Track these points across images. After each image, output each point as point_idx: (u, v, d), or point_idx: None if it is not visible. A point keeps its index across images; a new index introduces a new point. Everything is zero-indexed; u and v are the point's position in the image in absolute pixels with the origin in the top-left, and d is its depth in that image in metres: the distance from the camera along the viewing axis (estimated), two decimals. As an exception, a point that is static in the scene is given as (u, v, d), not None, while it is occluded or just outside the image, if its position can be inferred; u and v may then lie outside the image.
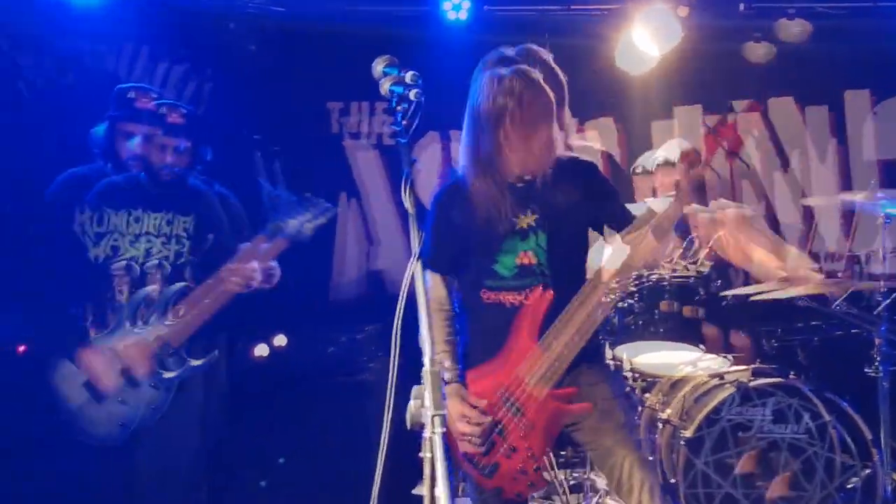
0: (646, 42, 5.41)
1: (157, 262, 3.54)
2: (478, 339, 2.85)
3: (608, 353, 4.14)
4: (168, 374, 3.45)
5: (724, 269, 4.85)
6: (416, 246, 2.06)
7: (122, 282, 3.49)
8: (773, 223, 5.93)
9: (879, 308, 4.35)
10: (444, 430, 1.91)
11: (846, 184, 5.93)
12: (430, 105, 2.19)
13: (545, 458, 2.63)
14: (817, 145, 5.97)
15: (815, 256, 5.90)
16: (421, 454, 1.92)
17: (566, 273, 2.79)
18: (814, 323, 4.52)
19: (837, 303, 4.43)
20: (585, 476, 4.09)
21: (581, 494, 4.15)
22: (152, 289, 3.48)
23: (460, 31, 5.74)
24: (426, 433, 1.92)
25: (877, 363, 3.92)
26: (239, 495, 4.42)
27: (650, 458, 4.28)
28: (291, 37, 5.73)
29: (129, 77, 5.63)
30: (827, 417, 3.84)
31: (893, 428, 3.85)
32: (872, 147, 5.95)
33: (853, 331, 4.58)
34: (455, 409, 2.71)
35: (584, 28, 5.81)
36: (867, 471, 4.12)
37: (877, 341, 3.94)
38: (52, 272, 3.43)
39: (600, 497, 4.05)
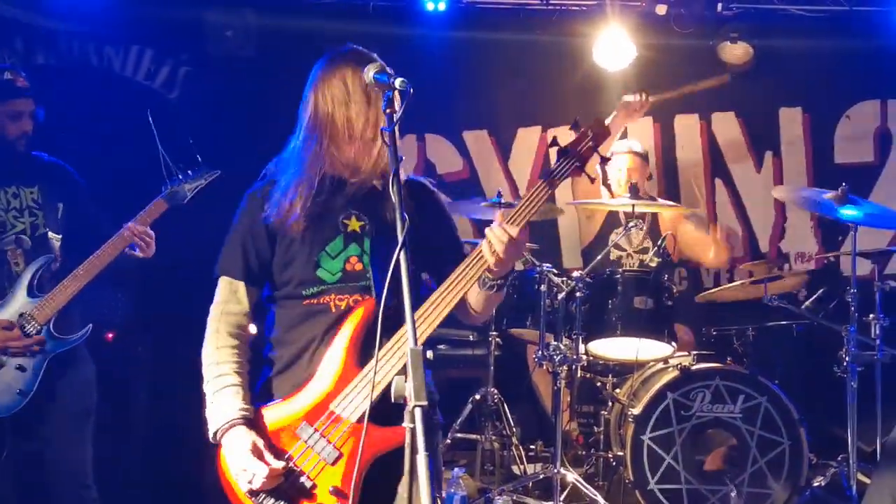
0: (624, 38, 5.61)
1: (13, 236, 3.54)
2: (291, 356, 2.51)
3: (581, 347, 4.43)
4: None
5: (671, 266, 5.26)
6: (401, 235, 2.08)
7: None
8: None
9: (810, 303, 4.79)
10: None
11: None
12: (407, 106, 2.20)
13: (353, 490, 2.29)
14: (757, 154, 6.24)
15: (785, 256, 6.15)
16: (404, 424, 1.96)
17: (392, 286, 2.36)
18: (750, 316, 4.91)
19: (806, 304, 4.84)
20: (555, 470, 4.26)
21: (550, 488, 4.30)
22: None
23: (439, 25, 5.87)
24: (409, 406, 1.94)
25: (846, 363, 4.31)
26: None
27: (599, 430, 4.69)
28: (267, 26, 5.71)
29: (99, 60, 5.73)
30: (759, 398, 4.25)
31: (861, 428, 4.27)
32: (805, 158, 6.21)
33: (789, 323, 5.03)
34: (239, 462, 2.35)
35: (561, 23, 5.94)
36: (832, 470, 4.57)
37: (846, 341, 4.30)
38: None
39: (569, 492, 4.29)
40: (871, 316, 4.50)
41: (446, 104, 6.08)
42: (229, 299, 2.54)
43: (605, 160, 2.66)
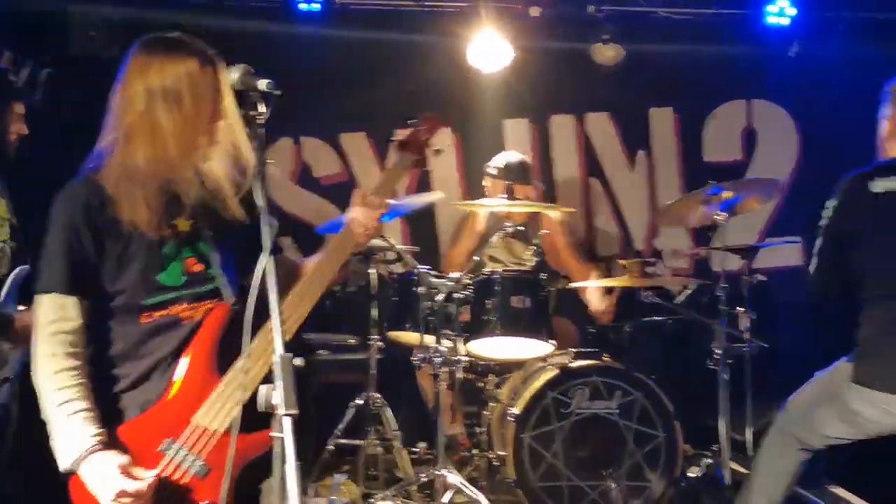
0: (499, 40, 5.67)
1: None
2: (141, 371, 2.34)
3: (461, 347, 4.41)
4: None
5: (549, 265, 5.32)
6: (267, 241, 2.03)
7: None
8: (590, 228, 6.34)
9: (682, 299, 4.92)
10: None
11: (652, 191, 6.39)
12: (282, 108, 2.17)
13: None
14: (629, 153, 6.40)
15: (658, 254, 6.33)
16: (272, 433, 1.92)
17: (238, 286, 2.43)
18: (626, 312, 5.01)
19: (680, 299, 4.95)
20: (438, 472, 4.25)
21: (433, 491, 4.29)
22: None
23: (314, 24, 5.84)
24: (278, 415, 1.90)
25: (717, 356, 4.39)
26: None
27: (482, 430, 4.70)
28: (133, 25, 5.47)
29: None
30: (635, 394, 4.33)
31: (732, 419, 4.35)
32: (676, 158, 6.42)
33: (663, 318, 5.15)
34: (111, 486, 2.18)
35: (436, 24, 5.97)
36: (707, 461, 4.68)
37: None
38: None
39: (454, 493, 4.26)
40: (741, 309, 4.65)
41: (323, 106, 6.02)
42: (59, 317, 2.29)
43: (437, 152, 2.73)
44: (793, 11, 5.94)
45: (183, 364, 2.34)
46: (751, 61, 6.16)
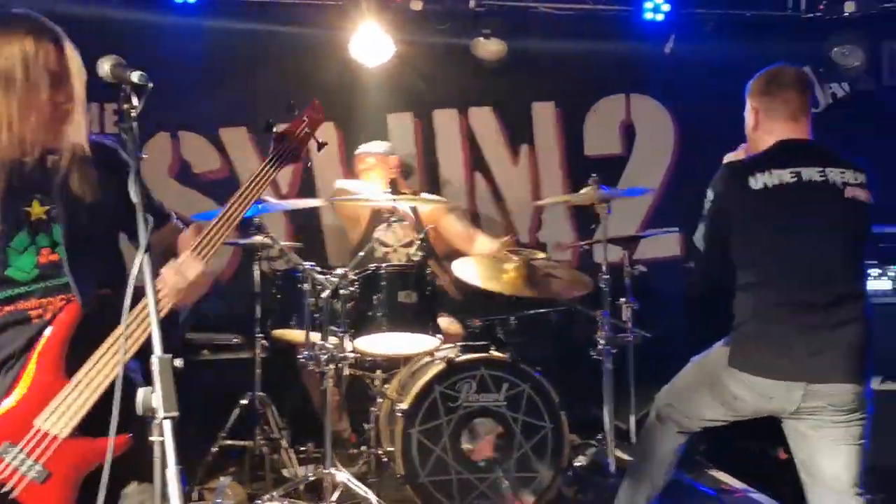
0: (380, 34, 5.63)
1: None
2: None
3: (348, 344, 4.36)
4: None
5: (436, 259, 5.33)
6: (144, 239, 1.97)
7: None
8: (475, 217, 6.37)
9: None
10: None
11: (536, 185, 6.46)
12: (158, 102, 2.15)
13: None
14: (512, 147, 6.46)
15: (542, 247, 6.35)
16: (151, 438, 1.88)
17: (94, 278, 2.33)
18: (512, 305, 5.05)
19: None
20: (326, 471, 4.22)
21: (321, 490, 4.27)
22: None
23: (191, 14, 5.68)
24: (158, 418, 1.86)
25: (600, 346, 4.47)
26: None
27: (369, 427, 4.68)
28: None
29: None
30: (522, 385, 4.38)
31: (616, 407, 4.46)
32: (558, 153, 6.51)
33: (548, 310, 5.22)
34: None
35: (317, 16, 5.90)
36: (592, 449, 4.76)
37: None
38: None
39: (342, 491, 4.24)
40: (623, 300, 4.76)
41: (201, 100, 5.88)
42: None
43: (321, 145, 2.65)
44: (667, 8, 6.11)
45: (29, 365, 2.23)
46: (629, 57, 6.30)
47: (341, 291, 4.32)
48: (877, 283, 5.02)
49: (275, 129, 2.60)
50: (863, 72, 6.27)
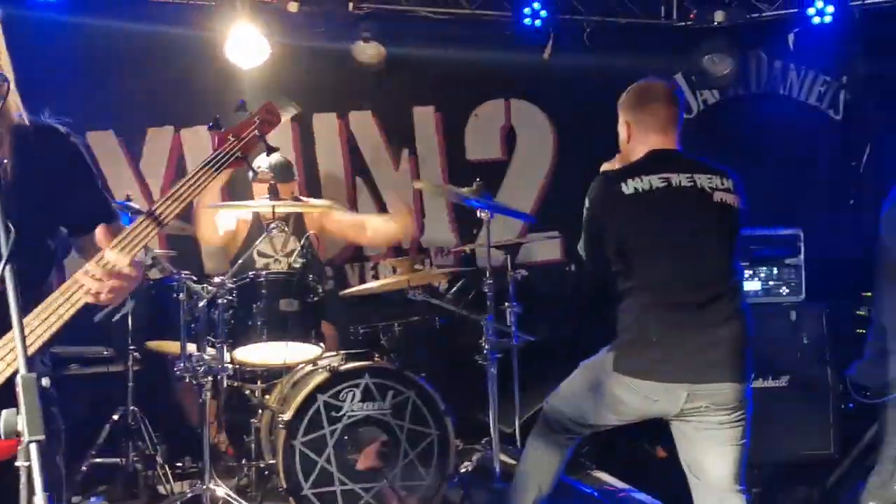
0: (256, 35, 5.51)
1: None
2: None
3: (227, 355, 4.27)
4: None
5: (318, 266, 5.25)
6: (3, 250, 1.83)
7: None
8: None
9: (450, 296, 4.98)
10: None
11: (416, 191, 6.42)
12: (21, 102, 2.05)
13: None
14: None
15: (425, 251, 6.36)
16: (17, 463, 1.75)
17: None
18: (395, 311, 5.02)
19: (449, 293, 5.00)
20: (203, 486, 4.12)
21: None
22: None
23: (56, 10, 5.45)
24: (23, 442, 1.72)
25: (485, 351, 4.47)
26: None
27: (250, 439, 4.57)
28: None
29: None
30: (407, 393, 4.34)
31: (501, 411, 4.46)
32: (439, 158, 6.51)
33: (432, 316, 5.21)
34: None
35: (190, 16, 5.75)
36: (478, 454, 4.75)
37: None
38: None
39: None
40: (506, 304, 4.78)
41: (67, 101, 5.57)
42: None
43: (271, 150, 2.49)
44: (545, 14, 6.18)
45: None
46: (508, 62, 6.34)
47: (219, 301, 4.21)
48: (747, 284, 5.19)
49: (219, 128, 2.40)
50: (732, 80, 6.49)
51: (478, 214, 4.61)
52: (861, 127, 6.52)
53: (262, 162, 5.09)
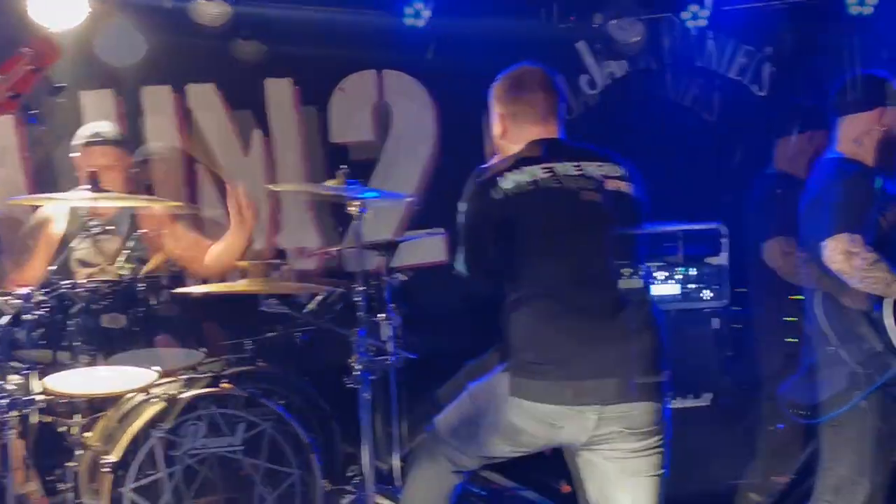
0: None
1: None
2: None
3: (35, 383, 4.13)
4: None
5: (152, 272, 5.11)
6: None
7: None
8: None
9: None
10: None
11: (272, 178, 6.41)
12: None
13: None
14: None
15: (281, 253, 6.35)
16: None
17: None
18: (246, 326, 4.95)
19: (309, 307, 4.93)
20: None
21: None
22: None
23: None
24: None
25: (356, 372, 4.30)
26: None
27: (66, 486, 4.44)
28: None
29: None
30: (262, 425, 4.27)
31: (377, 444, 4.50)
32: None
33: (291, 331, 5.15)
34: None
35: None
36: (349, 497, 4.78)
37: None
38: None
39: None
40: (382, 315, 4.73)
41: None
42: None
43: (56, 89, 2.42)
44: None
45: None
46: (380, 27, 6.34)
47: (25, 317, 4.07)
48: (662, 287, 5.28)
49: None
50: (642, 49, 6.61)
51: (346, 209, 4.56)
52: (787, 105, 6.73)
53: (86, 131, 4.94)
